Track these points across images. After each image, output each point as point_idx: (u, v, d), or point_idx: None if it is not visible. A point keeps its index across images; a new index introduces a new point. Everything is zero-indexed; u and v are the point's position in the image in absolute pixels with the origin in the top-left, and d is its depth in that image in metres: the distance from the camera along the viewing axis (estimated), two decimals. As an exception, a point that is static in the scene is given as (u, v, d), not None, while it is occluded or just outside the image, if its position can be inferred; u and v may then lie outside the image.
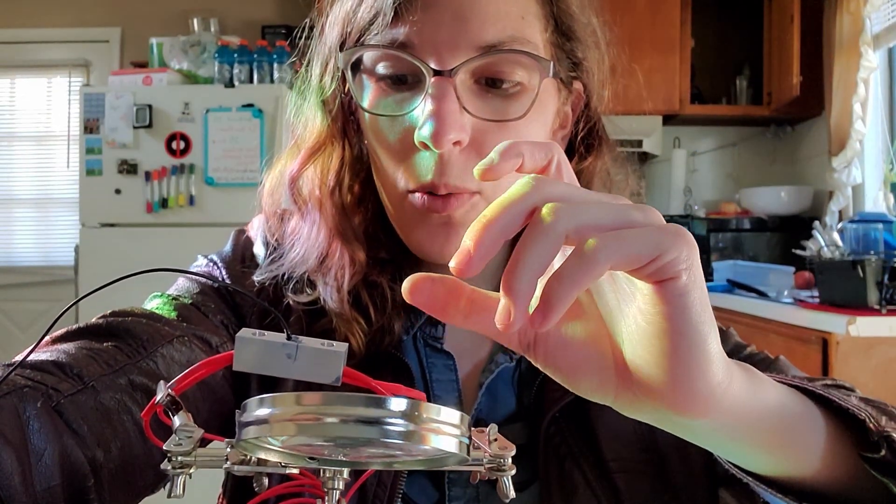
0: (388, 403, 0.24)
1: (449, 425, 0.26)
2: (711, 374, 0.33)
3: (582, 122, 0.64)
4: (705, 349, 0.32)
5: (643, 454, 0.60)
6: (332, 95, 0.61)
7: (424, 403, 0.25)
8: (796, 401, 0.41)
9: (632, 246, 0.30)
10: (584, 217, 0.30)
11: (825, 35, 2.81)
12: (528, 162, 0.34)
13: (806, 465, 0.42)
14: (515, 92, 0.54)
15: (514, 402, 0.63)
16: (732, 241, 3.14)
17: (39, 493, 0.39)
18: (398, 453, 0.27)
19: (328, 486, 0.29)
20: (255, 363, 0.35)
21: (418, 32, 0.52)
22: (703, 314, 0.32)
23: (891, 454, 0.41)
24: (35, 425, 0.40)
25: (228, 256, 0.67)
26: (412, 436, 0.24)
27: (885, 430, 0.41)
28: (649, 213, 0.32)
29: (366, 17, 0.54)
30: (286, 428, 0.24)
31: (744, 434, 0.38)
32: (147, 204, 2.67)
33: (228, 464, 0.29)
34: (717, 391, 0.33)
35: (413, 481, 0.59)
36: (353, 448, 0.27)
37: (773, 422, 0.39)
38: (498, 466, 0.31)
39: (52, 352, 0.48)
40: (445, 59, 0.52)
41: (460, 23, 0.52)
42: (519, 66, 0.54)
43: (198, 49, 2.84)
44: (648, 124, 3.14)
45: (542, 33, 0.56)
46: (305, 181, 0.63)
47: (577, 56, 0.60)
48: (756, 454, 0.41)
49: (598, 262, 0.29)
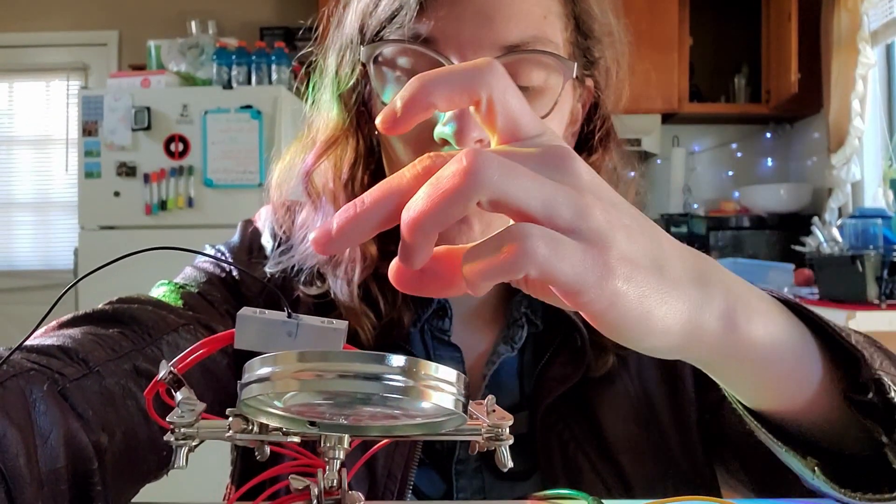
0: (387, 360, 0.24)
1: (446, 383, 0.26)
2: (661, 333, 0.31)
3: (592, 118, 0.64)
4: (648, 326, 0.30)
5: (644, 431, 0.60)
6: (350, 88, 0.61)
7: (423, 361, 0.25)
8: (793, 335, 0.39)
9: (555, 273, 0.28)
10: (508, 189, 0.28)
11: (823, 32, 2.82)
12: (442, 104, 0.31)
13: (794, 400, 0.41)
14: (537, 91, 0.55)
15: (518, 392, 0.63)
16: (732, 239, 3.14)
17: (44, 474, 0.39)
18: (397, 412, 0.28)
19: (328, 455, 0.29)
20: (255, 341, 0.35)
21: (442, 29, 0.52)
22: (640, 309, 0.30)
23: (878, 397, 0.39)
24: (41, 407, 0.41)
25: (236, 246, 0.68)
26: (411, 391, 0.25)
27: (876, 373, 0.39)
28: (579, 204, 0.29)
29: (387, 10, 0.54)
30: (288, 384, 0.24)
31: (723, 366, 0.38)
32: (146, 206, 2.67)
33: (231, 432, 0.29)
34: (675, 339, 0.32)
35: (422, 474, 0.60)
36: (352, 408, 0.27)
37: (759, 359, 0.37)
38: (496, 436, 0.31)
39: (57, 336, 0.48)
40: (468, 58, 0.52)
41: (485, 21, 0.52)
42: (541, 66, 0.54)
43: (196, 51, 2.85)
44: (647, 123, 3.15)
45: (562, 32, 0.56)
46: (319, 174, 0.63)
47: (594, 55, 0.61)
48: (739, 385, 0.41)
49: (512, 271, 0.27)
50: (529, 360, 0.64)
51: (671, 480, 0.59)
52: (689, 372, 0.63)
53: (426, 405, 0.26)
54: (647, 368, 0.63)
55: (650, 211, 3.62)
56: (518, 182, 0.28)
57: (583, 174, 0.30)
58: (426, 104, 0.30)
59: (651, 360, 0.63)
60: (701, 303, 0.33)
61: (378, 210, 0.29)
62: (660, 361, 0.63)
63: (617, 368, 0.62)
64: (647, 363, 0.63)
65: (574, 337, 0.61)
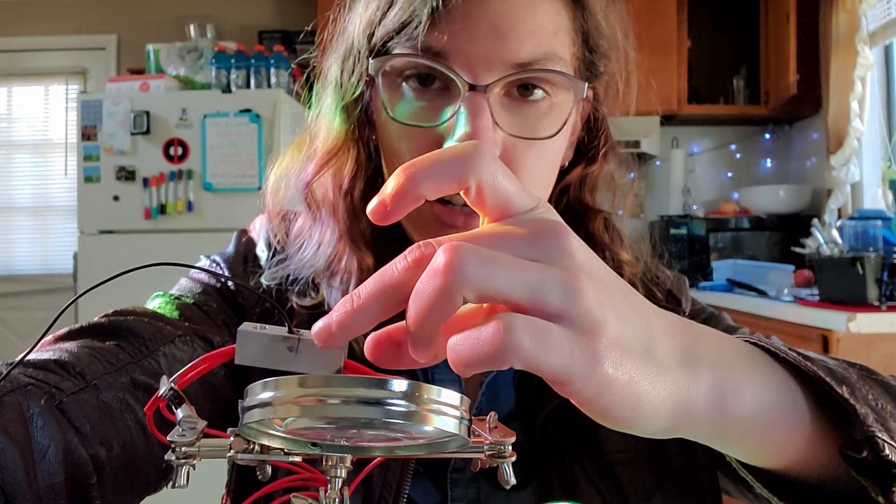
0: (389, 384, 0.24)
1: (449, 406, 0.26)
2: (650, 417, 0.31)
3: (591, 128, 0.64)
4: (638, 412, 0.30)
5: (644, 444, 0.60)
6: (353, 99, 0.60)
7: (425, 385, 0.25)
8: (784, 396, 0.38)
9: (541, 365, 0.27)
10: (490, 283, 0.27)
11: (821, 33, 2.82)
12: (431, 194, 0.30)
13: (791, 458, 0.40)
14: (545, 107, 0.55)
15: (514, 401, 0.63)
16: (731, 240, 3.14)
17: (43, 490, 0.39)
18: (400, 436, 0.28)
19: (331, 474, 0.29)
20: (256, 357, 0.35)
21: (453, 43, 0.52)
22: (629, 396, 0.29)
23: (872, 455, 0.38)
24: (39, 422, 0.41)
25: (231, 257, 0.67)
26: (413, 416, 0.25)
27: (869, 430, 0.38)
28: (570, 287, 0.28)
29: (397, 21, 0.53)
30: (290, 410, 0.24)
31: (716, 440, 0.37)
32: (145, 210, 2.67)
33: (232, 452, 0.29)
34: (664, 421, 0.31)
35: (416, 483, 0.59)
36: (355, 431, 0.27)
37: (750, 429, 0.37)
38: (499, 453, 0.31)
39: (54, 350, 0.48)
40: (480, 74, 0.52)
41: (497, 37, 0.52)
42: (550, 84, 0.54)
43: (194, 55, 2.85)
44: (646, 125, 3.15)
45: (570, 48, 0.56)
46: (318, 184, 0.62)
47: (598, 69, 0.61)
48: (735, 453, 0.41)
49: (497, 364, 0.27)
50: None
51: (669, 494, 0.59)
52: None
53: (429, 429, 0.26)
54: None
55: (650, 213, 3.62)
56: (500, 273, 0.27)
57: (576, 252, 0.30)
58: (415, 196, 0.30)
59: None
60: (688, 384, 0.32)
61: (373, 305, 0.29)
62: None
63: None
64: None
65: None
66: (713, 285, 2.63)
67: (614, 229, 0.67)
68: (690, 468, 0.60)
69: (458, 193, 0.31)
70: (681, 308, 0.68)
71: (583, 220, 0.66)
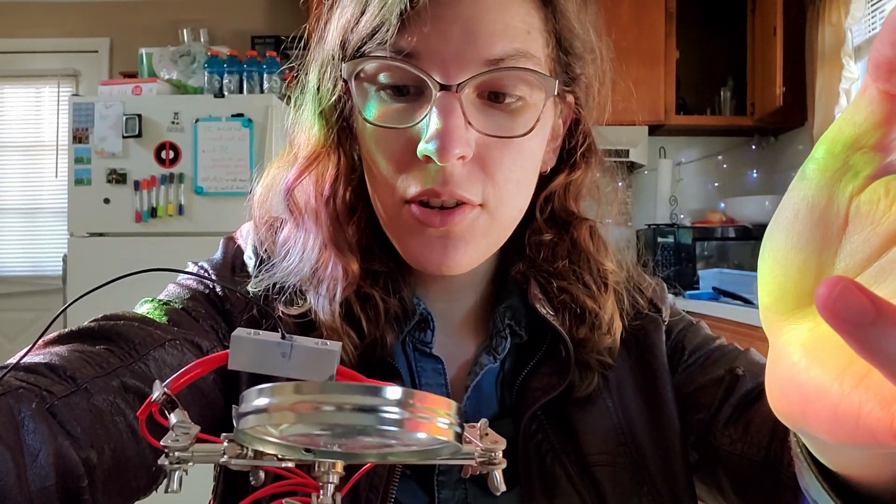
0: (383, 392, 0.25)
1: (442, 413, 0.26)
2: None
3: (574, 134, 0.64)
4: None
5: (622, 447, 0.61)
6: (332, 105, 0.60)
7: (419, 392, 0.26)
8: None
9: None
10: None
11: (808, 47, 2.86)
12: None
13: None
14: (518, 107, 0.55)
15: (497, 405, 0.63)
16: (717, 249, 3.17)
17: (34, 493, 0.39)
18: (393, 442, 0.28)
19: (323, 479, 0.30)
20: (249, 362, 0.35)
21: (425, 44, 0.52)
22: None
23: None
24: (30, 426, 0.41)
25: (219, 264, 0.67)
26: (406, 423, 0.25)
27: None
28: None
29: (369, 26, 0.54)
30: (285, 416, 0.25)
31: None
32: (136, 213, 2.66)
33: (226, 457, 0.29)
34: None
35: (403, 485, 0.59)
36: (348, 438, 0.28)
37: None
38: (489, 460, 0.32)
39: (44, 354, 0.48)
40: (452, 74, 0.52)
41: (468, 37, 0.52)
42: (523, 82, 0.54)
43: (187, 59, 2.85)
44: (634, 134, 3.17)
45: (543, 48, 0.56)
46: (300, 191, 0.63)
47: (575, 71, 0.61)
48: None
49: None
50: (510, 369, 0.64)
51: (646, 498, 0.60)
52: (670, 395, 0.63)
53: (422, 436, 0.26)
54: (627, 389, 0.64)
55: (637, 221, 3.62)
56: None
57: None
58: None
59: (632, 381, 0.64)
60: None
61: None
62: (641, 382, 0.64)
63: (599, 387, 0.63)
64: (627, 383, 0.64)
65: (559, 348, 0.61)
66: (699, 294, 2.64)
67: (599, 238, 0.67)
68: (667, 474, 0.61)
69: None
70: (661, 316, 0.68)
71: (568, 229, 0.66)
